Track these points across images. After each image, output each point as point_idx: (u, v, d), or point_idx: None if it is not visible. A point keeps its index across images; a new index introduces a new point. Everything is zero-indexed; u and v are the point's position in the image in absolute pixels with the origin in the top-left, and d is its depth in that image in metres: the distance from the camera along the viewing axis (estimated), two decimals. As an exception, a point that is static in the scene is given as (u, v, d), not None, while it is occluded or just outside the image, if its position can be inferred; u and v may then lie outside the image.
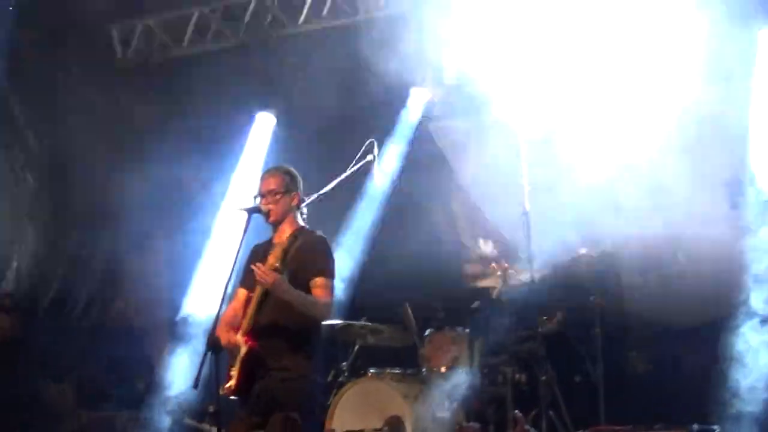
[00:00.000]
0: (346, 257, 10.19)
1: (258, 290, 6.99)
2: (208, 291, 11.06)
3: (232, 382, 7.02)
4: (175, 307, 11.34)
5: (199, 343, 10.97)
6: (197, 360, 7.69)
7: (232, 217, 9.57)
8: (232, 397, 7.19)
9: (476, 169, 10.34)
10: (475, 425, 9.02)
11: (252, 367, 6.97)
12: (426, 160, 10.86)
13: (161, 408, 10.78)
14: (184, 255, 11.31)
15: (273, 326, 7.00)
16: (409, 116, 11.09)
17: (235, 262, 7.06)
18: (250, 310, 7.06)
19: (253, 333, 7.00)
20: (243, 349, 6.94)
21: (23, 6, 10.38)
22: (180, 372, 11.01)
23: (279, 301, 6.87)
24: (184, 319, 11.14)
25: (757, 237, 9.03)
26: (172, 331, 11.08)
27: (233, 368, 7.06)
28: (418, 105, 11.15)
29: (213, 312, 8.49)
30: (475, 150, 10.28)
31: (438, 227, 10.88)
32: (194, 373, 7.39)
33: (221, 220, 11.55)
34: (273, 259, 6.91)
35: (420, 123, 11.16)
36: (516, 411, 8.83)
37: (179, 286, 11.32)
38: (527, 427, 8.03)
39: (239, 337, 7.00)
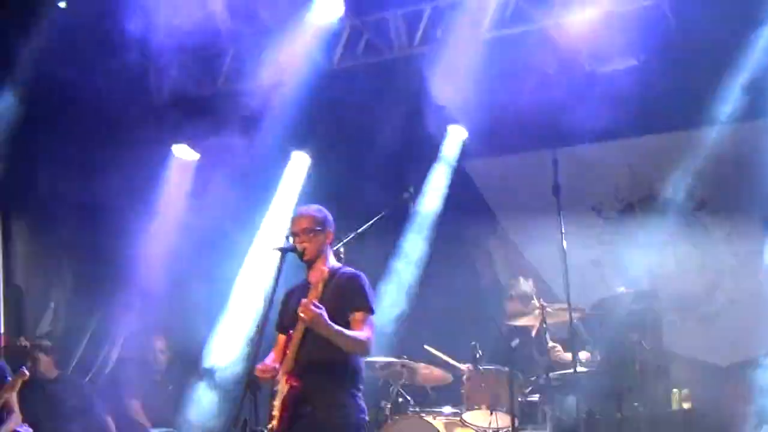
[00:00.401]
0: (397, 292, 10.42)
1: (299, 327, 6.98)
2: (233, 337, 11.22)
3: (274, 422, 7.00)
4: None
5: (226, 387, 11.24)
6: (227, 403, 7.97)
7: (265, 257, 9.65)
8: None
9: (514, 208, 10.43)
10: None
11: (295, 406, 6.95)
12: (464, 198, 10.98)
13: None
14: (215, 300, 11.44)
15: (315, 364, 6.99)
16: (447, 154, 11.26)
17: (271, 302, 7.07)
18: (292, 349, 7.03)
19: (294, 372, 7.00)
20: (285, 389, 6.95)
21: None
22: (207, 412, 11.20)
23: (320, 338, 6.85)
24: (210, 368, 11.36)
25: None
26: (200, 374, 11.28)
27: (275, 408, 7.02)
28: (455, 143, 11.22)
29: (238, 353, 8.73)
30: (512, 189, 10.36)
31: (477, 266, 10.99)
32: (233, 413, 7.60)
33: (250, 263, 11.57)
34: (312, 296, 6.80)
35: (458, 162, 11.21)
36: None
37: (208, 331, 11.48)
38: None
39: (281, 377, 6.99)
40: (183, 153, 11.77)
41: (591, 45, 9.59)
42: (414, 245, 11.02)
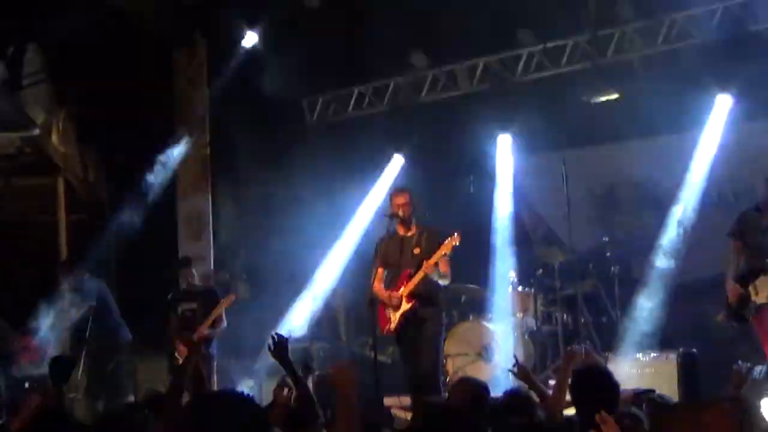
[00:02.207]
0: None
1: (420, 273, 9.61)
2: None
3: (391, 325, 9.89)
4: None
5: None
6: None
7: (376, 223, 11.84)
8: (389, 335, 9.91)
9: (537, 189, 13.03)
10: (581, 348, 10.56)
11: (408, 317, 9.84)
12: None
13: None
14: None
15: (422, 291, 9.76)
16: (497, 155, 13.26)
17: (382, 253, 9.93)
18: (414, 282, 9.71)
19: (411, 296, 9.81)
20: (406, 306, 9.75)
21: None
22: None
23: (426, 278, 9.68)
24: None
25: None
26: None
27: (392, 316, 9.91)
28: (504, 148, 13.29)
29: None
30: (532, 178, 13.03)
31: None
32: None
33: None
34: (432, 261, 9.48)
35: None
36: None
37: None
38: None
39: (403, 297, 9.77)
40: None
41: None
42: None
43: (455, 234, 9.58)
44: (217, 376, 11.52)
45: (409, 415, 9.50)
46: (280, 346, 6.53)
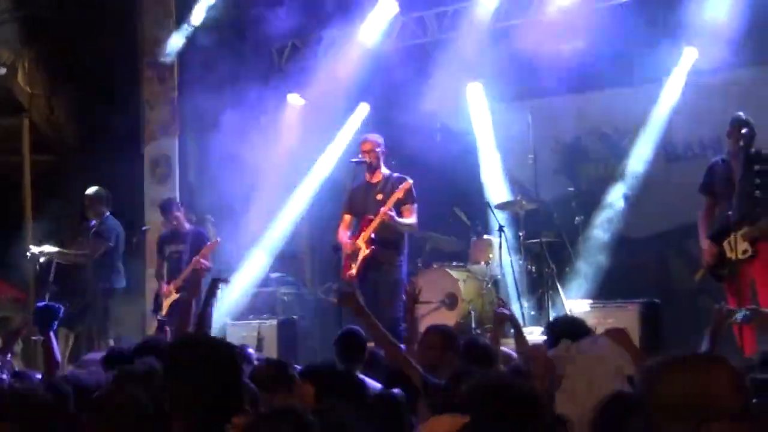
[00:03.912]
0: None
1: (377, 219, 9.82)
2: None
3: (352, 272, 10.04)
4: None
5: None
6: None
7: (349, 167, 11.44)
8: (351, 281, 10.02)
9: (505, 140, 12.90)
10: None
11: (369, 262, 10.01)
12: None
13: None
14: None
15: (384, 237, 9.94)
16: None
17: (349, 198, 10.18)
18: (372, 227, 9.92)
19: (371, 241, 9.98)
20: (366, 251, 9.97)
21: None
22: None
23: (385, 223, 9.85)
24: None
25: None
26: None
27: (354, 263, 10.07)
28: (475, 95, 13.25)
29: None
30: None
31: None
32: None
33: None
34: (388, 205, 9.66)
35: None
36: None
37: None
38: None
39: (361, 243, 9.96)
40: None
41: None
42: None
43: (407, 180, 9.83)
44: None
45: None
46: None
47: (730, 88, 11.29)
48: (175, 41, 13.28)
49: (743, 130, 9.45)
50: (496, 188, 12.86)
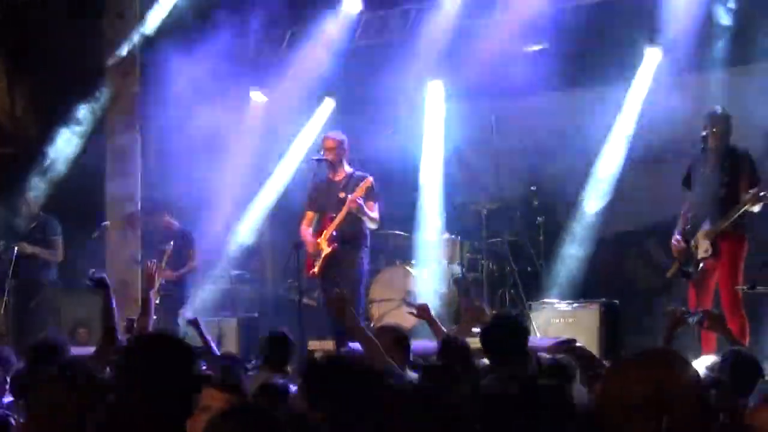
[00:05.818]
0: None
1: (343, 211, 9.83)
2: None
3: (315, 270, 10.13)
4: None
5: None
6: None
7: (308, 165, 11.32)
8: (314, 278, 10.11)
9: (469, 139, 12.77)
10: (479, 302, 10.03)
11: (331, 259, 10.04)
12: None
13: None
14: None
15: (347, 233, 9.97)
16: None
17: (312, 196, 10.14)
18: (335, 223, 9.95)
19: (334, 239, 10.01)
20: (327, 249, 10.00)
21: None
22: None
23: (352, 218, 9.85)
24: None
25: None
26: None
27: (317, 261, 10.11)
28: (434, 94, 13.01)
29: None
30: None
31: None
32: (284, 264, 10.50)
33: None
34: (356, 195, 9.66)
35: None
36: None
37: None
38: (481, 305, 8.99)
39: (323, 243, 10.00)
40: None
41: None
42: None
43: (368, 177, 9.89)
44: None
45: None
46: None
47: (694, 89, 11.36)
48: (138, 35, 13.06)
49: (714, 128, 9.50)
50: (432, 189, 12.75)
